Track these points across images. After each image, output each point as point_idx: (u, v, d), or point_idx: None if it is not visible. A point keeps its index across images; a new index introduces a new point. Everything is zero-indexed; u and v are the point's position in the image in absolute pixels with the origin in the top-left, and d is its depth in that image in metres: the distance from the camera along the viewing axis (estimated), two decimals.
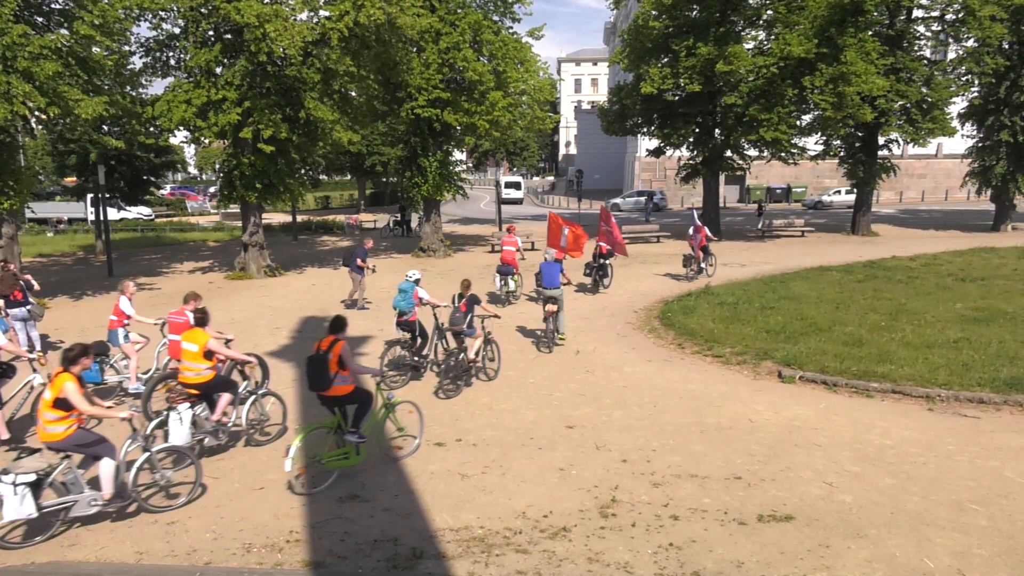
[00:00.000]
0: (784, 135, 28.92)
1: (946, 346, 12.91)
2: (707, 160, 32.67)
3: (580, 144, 78.89)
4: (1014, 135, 31.43)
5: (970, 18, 28.46)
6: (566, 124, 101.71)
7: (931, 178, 55.94)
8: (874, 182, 33.31)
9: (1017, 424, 9.69)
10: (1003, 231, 33.41)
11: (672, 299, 18.35)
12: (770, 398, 10.93)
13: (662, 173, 55.04)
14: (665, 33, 29.29)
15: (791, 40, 26.94)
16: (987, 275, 20.27)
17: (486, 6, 27.49)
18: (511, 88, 27.36)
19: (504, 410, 10.72)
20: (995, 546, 6.63)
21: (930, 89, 30.50)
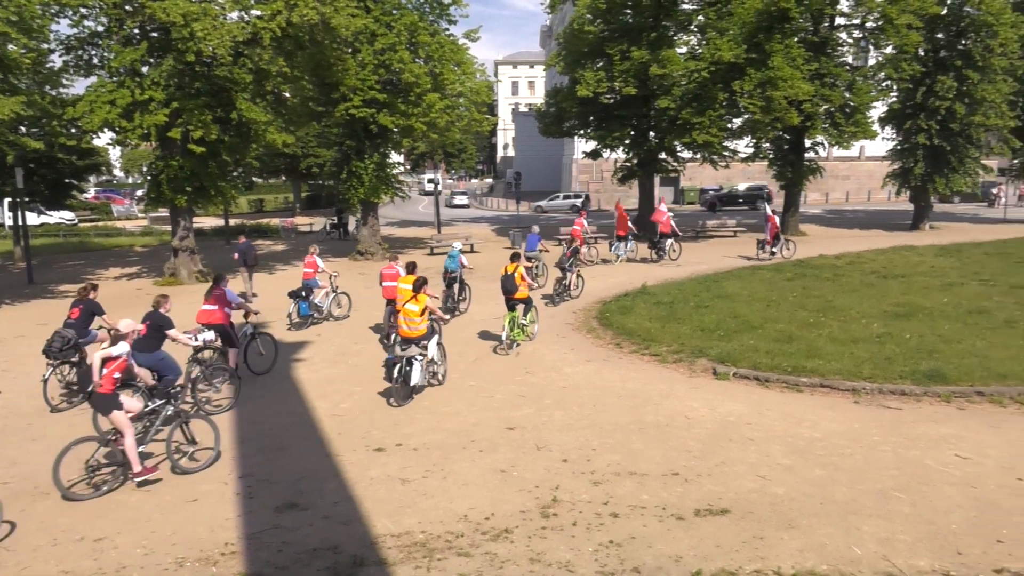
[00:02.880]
0: (716, 138, 29.64)
1: (870, 341, 13.42)
2: (643, 162, 33.23)
3: (518, 146, 79.24)
4: (930, 138, 32.93)
5: (888, 26, 29.70)
6: (504, 126, 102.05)
7: (855, 179, 58.11)
8: (802, 183, 34.42)
9: (936, 414, 10.15)
10: (921, 230, 34.94)
11: (610, 299, 18.59)
12: (705, 395, 11.18)
13: (599, 175, 55.70)
14: (600, 37, 29.67)
15: (721, 45, 27.63)
16: (907, 272, 21.17)
17: (422, 8, 27.39)
18: (448, 90, 27.32)
19: (445, 413, 10.68)
20: (917, 531, 6.92)
21: (852, 94, 31.69)
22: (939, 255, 24.75)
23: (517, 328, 14.41)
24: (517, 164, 77.57)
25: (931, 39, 32.69)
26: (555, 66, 32.84)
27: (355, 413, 10.81)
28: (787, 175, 33.70)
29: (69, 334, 11.41)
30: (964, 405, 10.46)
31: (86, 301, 11.90)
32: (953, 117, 32.31)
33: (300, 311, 16.44)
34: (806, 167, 33.79)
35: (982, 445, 8.93)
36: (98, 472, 8.25)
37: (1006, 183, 43.28)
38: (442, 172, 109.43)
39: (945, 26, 32.66)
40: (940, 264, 22.72)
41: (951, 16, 32.25)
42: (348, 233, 37.17)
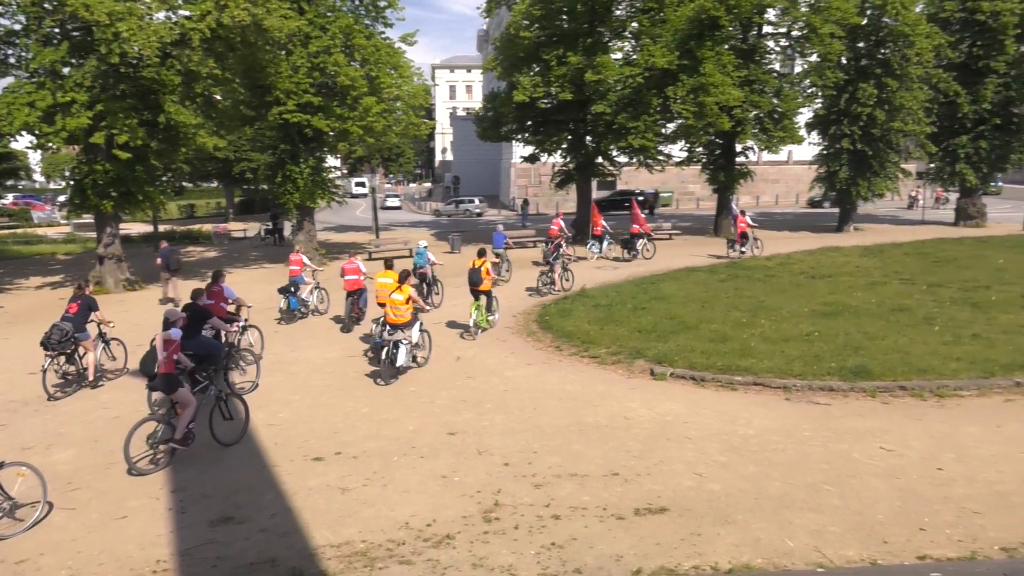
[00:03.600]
0: (651, 142, 30.18)
1: (800, 339, 13.86)
2: (580, 166, 33.58)
3: (456, 150, 79.11)
4: (853, 143, 34.25)
5: (813, 35, 30.78)
6: (442, 130, 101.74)
7: (784, 183, 59.94)
8: (734, 187, 35.35)
9: (863, 409, 10.55)
10: (846, 231, 36.28)
11: (550, 303, 18.72)
12: (644, 395, 11.36)
13: (537, 179, 56.05)
14: (536, 42, 29.89)
15: (655, 52, 28.16)
16: (834, 272, 21.95)
17: (357, 11, 27.13)
18: (385, 94, 27.09)
19: (385, 420, 10.58)
20: (846, 523, 7.18)
21: (780, 100, 32.72)
22: (863, 256, 25.74)
23: (481, 315, 15.82)
24: (456, 168, 77.46)
25: (853, 48, 34.02)
26: (492, 70, 32.94)
27: (293, 422, 10.61)
28: (720, 179, 34.59)
29: (67, 327, 12.14)
30: (888, 399, 10.90)
31: (83, 297, 12.69)
32: (874, 123, 33.68)
33: (290, 305, 17.76)
34: (737, 171, 34.72)
35: (905, 437, 9.32)
36: (158, 449, 9.01)
37: (923, 186, 45.32)
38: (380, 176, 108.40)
39: (865, 36, 34.05)
40: (864, 264, 23.62)
41: (871, 26, 33.65)
42: (283, 239, 36.45)
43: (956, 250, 26.53)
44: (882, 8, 32.43)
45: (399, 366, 12.63)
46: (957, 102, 35.52)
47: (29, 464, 7.89)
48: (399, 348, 12.59)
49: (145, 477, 8.70)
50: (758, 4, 29.40)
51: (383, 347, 12.53)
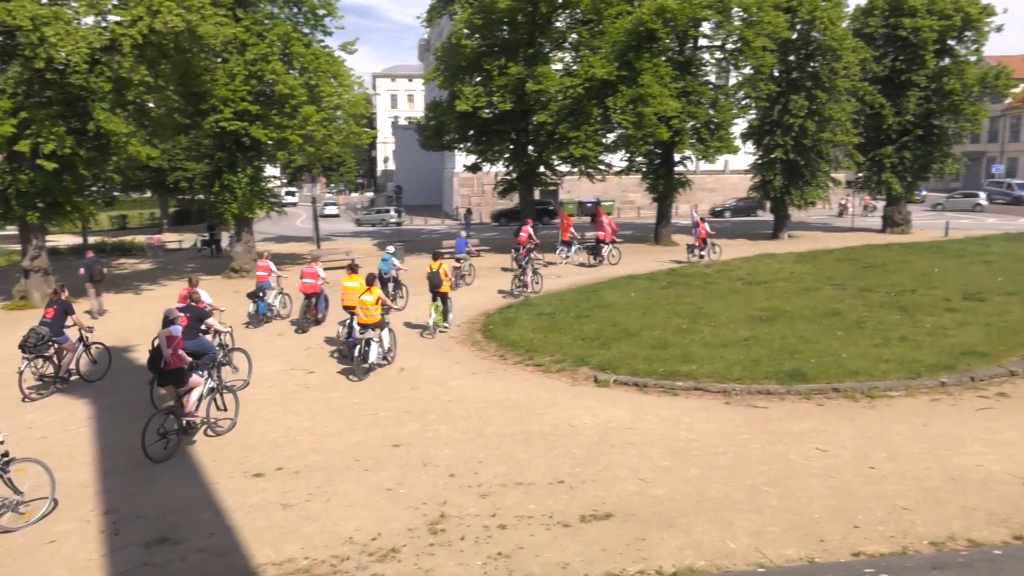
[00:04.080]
0: (591, 152, 30.55)
1: (738, 344, 14.20)
2: (522, 175, 33.77)
3: (399, 160, 78.63)
4: (786, 153, 35.32)
5: (746, 48, 31.67)
6: (384, 140, 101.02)
7: (721, 192, 61.34)
8: (673, 195, 36.04)
9: (799, 411, 10.85)
10: (781, 239, 37.32)
11: (494, 311, 18.74)
12: (587, 402, 11.45)
13: (480, 188, 56.12)
14: (478, 52, 29.98)
15: (594, 63, 28.55)
16: (770, 279, 22.56)
17: (295, 18, 26.76)
18: (325, 102, 26.74)
19: (327, 433, 10.41)
20: (785, 523, 7.37)
21: (716, 111, 33.53)
22: (797, 262, 26.53)
23: (439, 315, 16.77)
24: (398, 178, 76.97)
25: (784, 61, 35.12)
26: (434, 80, 32.89)
27: (231, 437, 10.35)
28: (659, 188, 35.21)
29: (43, 331, 12.66)
30: (822, 401, 11.25)
31: (60, 302, 13.21)
32: (805, 134, 34.78)
33: (259, 309, 18.44)
34: (676, 180, 35.41)
35: (839, 437, 9.63)
36: (168, 437, 9.68)
37: (852, 194, 47.00)
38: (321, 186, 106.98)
39: (796, 49, 35.18)
40: (798, 270, 24.34)
41: (801, 40, 34.79)
42: (221, 250, 35.59)
43: (884, 256, 27.58)
44: (811, 23, 33.60)
45: (371, 363, 13.45)
46: (882, 114, 37.00)
47: (39, 460, 8.23)
48: (371, 346, 13.45)
49: (73, 499, 8.36)
50: (693, 18, 30.08)
51: (355, 345, 13.44)
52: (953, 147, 39.64)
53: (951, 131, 38.42)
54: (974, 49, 37.20)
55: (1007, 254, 27.06)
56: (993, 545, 6.82)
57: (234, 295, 22.19)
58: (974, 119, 37.77)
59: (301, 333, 17.35)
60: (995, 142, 70.21)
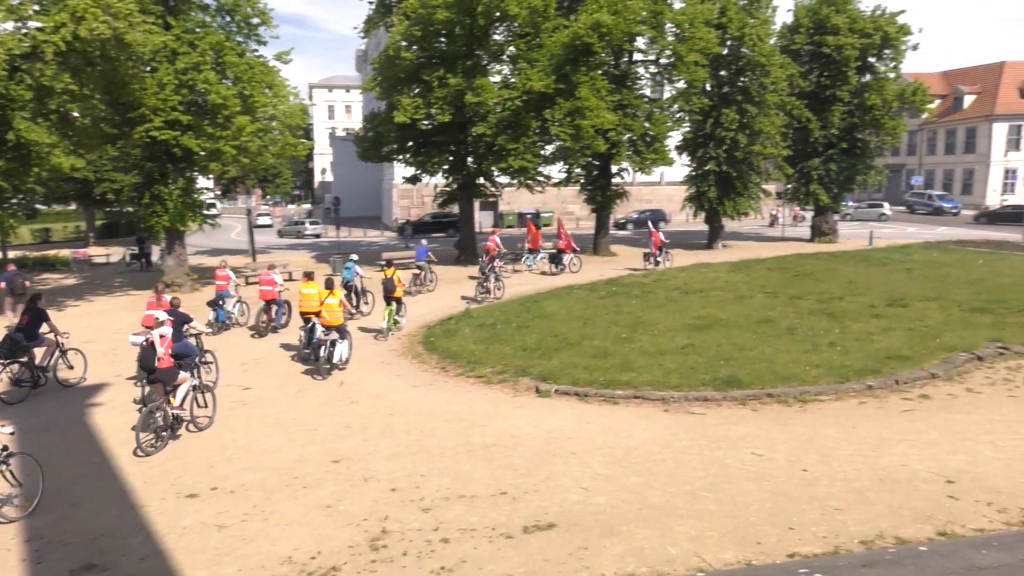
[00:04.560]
0: (530, 163, 30.77)
1: (676, 352, 14.47)
2: (462, 187, 33.76)
3: (336, 171, 77.67)
4: (719, 165, 36.26)
5: (679, 63, 32.45)
6: (321, 151, 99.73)
7: (657, 203, 62.50)
8: (610, 206, 36.58)
9: (735, 416, 11.11)
10: (716, 248, 38.24)
11: (435, 323, 18.65)
12: (529, 413, 11.49)
13: (419, 200, 55.88)
14: (416, 64, 29.90)
15: (532, 76, 28.81)
16: (705, 287, 23.08)
17: (228, 27, 26.20)
18: (259, 113, 26.22)
19: (265, 451, 10.17)
20: (723, 527, 7.52)
21: (651, 124, 34.21)
22: (731, 271, 27.22)
23: (392, 319, 17.66)
24: (336, 189, 75.97)
25: (716, 76, 36.10)
26: (372, 91, 32.65)
27: (163, 458, 10.00)
28: (597, 199, 35.71)
29: (18, 337, 13.21)
30: (757, 406, 11.54)
31: (34, 309, 13.70)
32: (737, 146, 35.78)
33: (218, 317, 18.72)
34: (613, 191, 35.96)
35: (773, 442, 9.89)
36: (160, 429, 10.38)
37: (783, 205, 48.53)
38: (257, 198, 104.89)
39: (727, 65, 36.22)
40: (732, 279, 24.97)
41: (731, 56, 35.84)
42: (151, 264, 34.47)
43: (813, 264, 28.54)
44: (740, 40, 34.66)
45: (335, 362, 14.29)
46: (809, 127, 38.36)
47: (30, 453, 8.78)
48: (335, 346, 14.26)
49: None
50: (628, 32, 30.66)
51: (320, 346, 14.19)
52: (875, 160, 41.38)
53: (873, 144, 40.10)
54: (893, 66, 39.00)
55: (927, 262, 28.34)
56: (919, 542, 7.10)
57: None
58: (894, 133, 39.49)
59: (258, 338, 17.90)
60: (913, 155, 73.59)
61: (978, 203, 60.75)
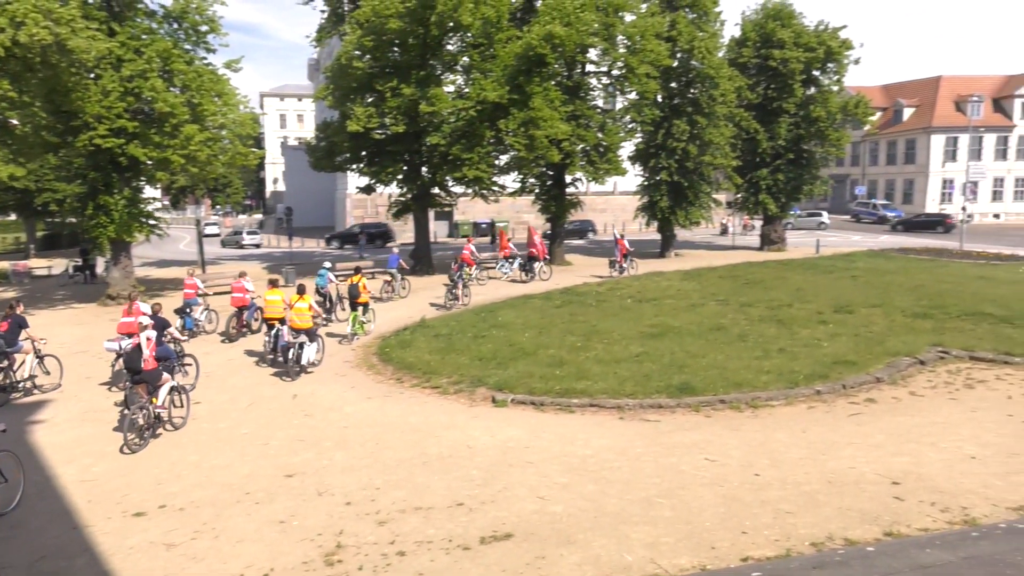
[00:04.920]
0: (485, 173, 30.83)
1: (630, 360, 14.61)
2: (416, 196, 33.63)
3: (289, 180, 76.60)
4: (671, 175, 36.85)
5: (631, 74, 32.94)
6: (272, 160, 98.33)
7: (611, 212, 63.19)
8: (565, 216, 36.85)
9: (688, 423, 11.26)
10: (668, 257, 38.78)
11: (389, 334, 18.51)
12: (486, 423, 11.46)
13: (374, 209, 55.48)
14: (369, 73, 29.74)
15: (486, 86, 28.90)
16: (658, 296, 23.38)
17: (176, 34, 25.69)
18: (208, 121, 25.75)
19: (215, 466, 9.94)
20: (678, 533, 7.60)
21: (604, 134, 34.61)
22: (683, 279, 27.63)
23: (358, 324, 18.23)
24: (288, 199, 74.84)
25: (667, 87, 36.75)
26: (324, 100, 32.34)
27: (110, 476, 9.70)
28: (551, 208, 35.95)
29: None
30: (710, 413, 11.72)
31: (14, 316, 14.01)
32: (688, 157, 36.42)
33: (186, 325, 19.05)
34: (568, 201, 36.26)
35: (726, 447, 10.05)
36: (143, 428, 10.94)
37: (733, 214, 49.51)
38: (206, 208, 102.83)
39: (677, 77, 36.90)
40: (684, 287, 25.35)
41: (681, 68, 36.52)
42: (96, 276, 33.50)
43: (762, 272, 29.15)
44: (690, 52, 35.34)
45: (304, 364, 14.90)
46: (757, 139, 39.28)
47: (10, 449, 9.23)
48: (303, 349, 14.88)
49: None
50: (580, 44, 30.99)
51: (289, 349, 14.81)
52: (821, 170, 42.55)
53: (818, 155, 41.26)
54: (836, 80, 40.23)
55: (871, 269, 29.19)
56: (866, 543, 7.28)
57: (111, 324, 20.94)
58: (838, 144, 40.68)
59: (229, 343, 18.39)
60: (857, 165, 75.89)
61: (919, 212, 62.86)
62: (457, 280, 23.31)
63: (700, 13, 36.48)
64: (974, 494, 8.38)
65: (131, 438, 10.75)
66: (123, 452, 10.55)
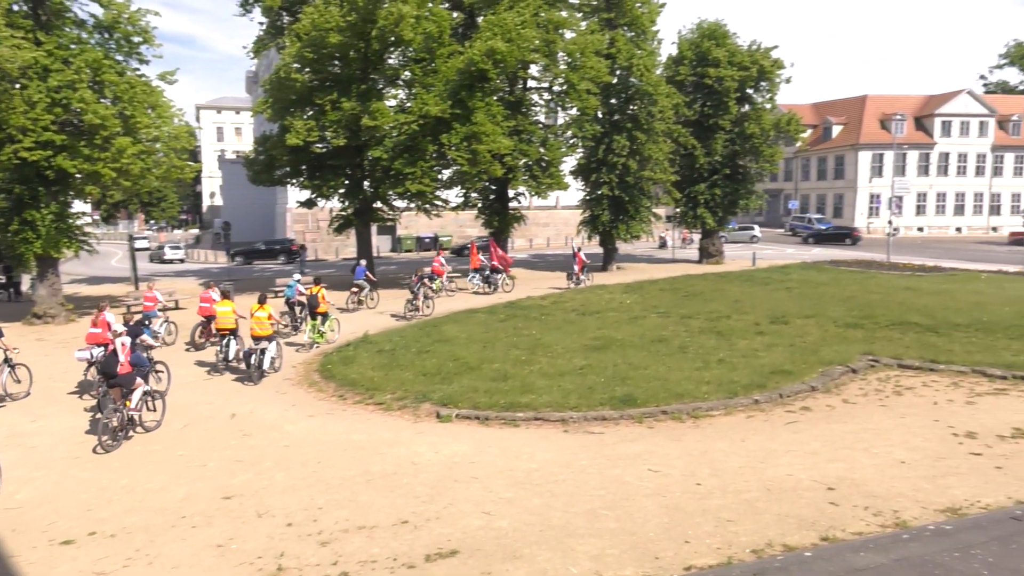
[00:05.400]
0: (428, 188, 30.75)
1: (574, 373, 14.71)
2: (358, 211, 33.32)
3: (226, 195, 75.00)
4: (612, 190, 37.44)
5: (572, 91, 33.44)
6: (209, 174, 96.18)
7: (554, 226, 63.82)
8: (508, 230, 37.02)
9: (632, 434, 11.38)
10: (610, 270, 39.30)
11: (331, 351, 18.23)
12: (431, 439, 11.37)
13: (315, 224, 54.73)
14: (309, 86, 29.42)
15: (428, 100, 28.89)
16: (601, 309, 23.63)
17: (107, 44, 24.95)
18: (142, 134, 25.03)
19: (148, 490, 9.59)
20: (623, 544, 7.65)
21: (546, 149, 34.99)
22: (625, 292, 28.01)
23: (317, 332, 19.21)
24: (226, 214, 73.39)
25: (607, 104, 37.41)
26: (263, 113, 31.83)
27: (35, 503, 9.26)
28: (494, 223, 36.08)
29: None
30: (652, 424, 11.88)
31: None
32: (628, 172, 37.08)
33: None
34: (511, 215, 36.45)
35: (668, 457, 10.19)
36: (116, 430, 11.57)
37: (672, 228, 50.51)
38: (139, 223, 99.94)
39: (617, 93, 37.60)
40: (626, 300, 25.69)
41: (620, 85, 37.24)
42: (21, 294, 32.09)
43: (701, 285, 29.78)
44: (628, 70, 36.11)
45: (264, 369, 15.86)
46: (695, 154, 40.24)
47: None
48: (264, 354, 15.80)
49: None
50: (522, 60, 31.29)
51: (252, 354, 15.75)
52: (756, 185, 43.84)
53: (753, 170, 42.53)
54: (769, 97, 41.62)
55: (805, 281, 30.12)
56: (804, 548, 7.46)
57: (37, 344, 20.08)
58: (772, 160, 42.03)
59: (195, 350, 19.15)
60: (790, 180, 78.49)
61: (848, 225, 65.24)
62: (417, 291, 23.82)
63: (638, 32, 37.34)
64: (904, 497, 8.68)
65: (105, 439, 11.32)
66: (96, 452, 11.08)
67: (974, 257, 43.36)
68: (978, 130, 71.17)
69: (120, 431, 11.57)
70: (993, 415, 11.95)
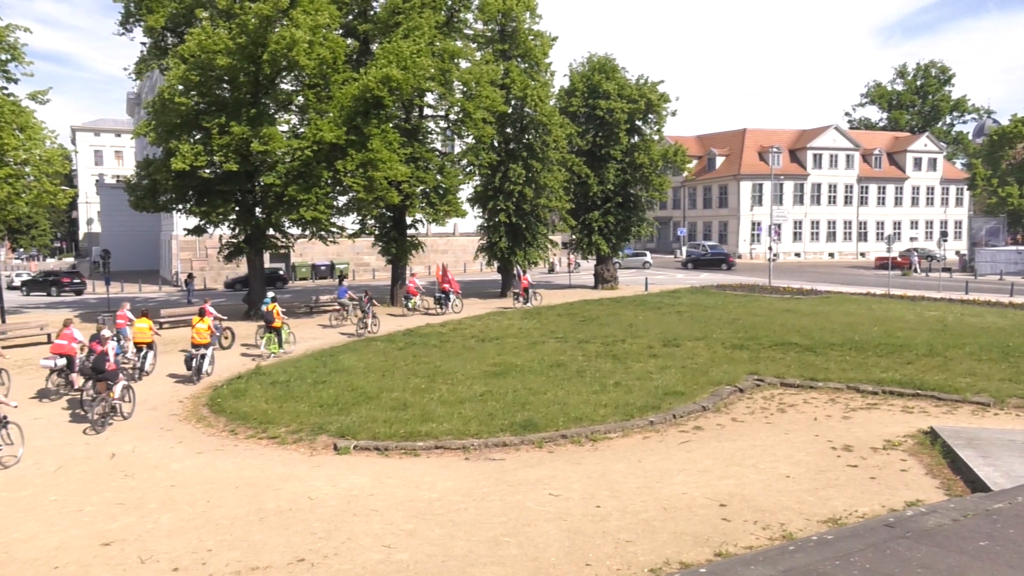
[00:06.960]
0: (323, 214, 30.12)
1: (475, 400, 14.69)
2: (250, 238, 32.25)
3: (105, 221, 70.95)
4: (509, 217, 37.91)
5: (468, 119, 33.73)
6: (87, 199, 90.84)
7: (452, 253, 63.83)
8: (406, 257, 36.74)
9: (532, 460, 11.45)
10: (510, 296, 39.64)
11: (221, 384, 17.47)
12: (328, 472, 11.05)
13: (203, 252, 52.56)
14: (195, 110, 28.38)
15: (322, 126, 28.42)
16: (500, 335, 23.77)
17: None
18: (9, 157, 23.47)
19: (16, 540, 8.84)
20: (526, 570, 7.66)
21: (443, 177, 35.04)
22: (524, 318, 28.30)
23: (273, 344, 21.21)
24: (105, 241, 69.30)
25: (503, 132, 37.97)
26: (145, 136, 30.41)
27: None
28: (392, 250, 35.73)
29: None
30: (553, 448, 12.00)
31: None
32: (525, 199, 37.67)
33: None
34: (409, 242, 36.22)
35: (568, 481, 10.30)
36: (103, 416, 14.01)
37: (567, 253, 51.61)
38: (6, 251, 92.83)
39: (512, 123, 38.25)
40: (525, 326, 25.96)
41: (516, 115, 37.93)
42: None
43: (597, 310, 30.48)
44: (523, 100, 36.85)
45: (204, 371, 18.33)
46: (588, 183, 41.34)
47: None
48: (204, 360, 18.33)
49: None
50: (418, 88, 31.32)
51: (192, 359, 18.13)
52: (647, 213, 45.46)
53: (643, 199, 44.10)
54: (656, 129, 43.40)
55: (694, 305, 31.36)
56: (699, 564, 7.69)
57: None
58: (661, 188, 43.74)
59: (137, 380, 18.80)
60: (679, 208, 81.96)
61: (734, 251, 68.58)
62: (367, 310, 25.61)
63: (532, 63, 38.18)
64: (790, 510, 9.11)
65: (96, 422, 13.74)
66: (87, 433, 13.26)
67: (845, 280, 46.48)
68: (845, 163, 76.83)
69: (105, 416, 14.02)
70: (866, 428, 12.78)
